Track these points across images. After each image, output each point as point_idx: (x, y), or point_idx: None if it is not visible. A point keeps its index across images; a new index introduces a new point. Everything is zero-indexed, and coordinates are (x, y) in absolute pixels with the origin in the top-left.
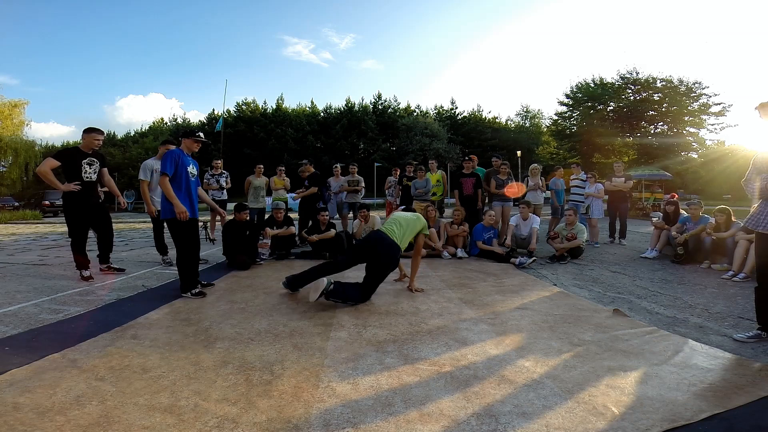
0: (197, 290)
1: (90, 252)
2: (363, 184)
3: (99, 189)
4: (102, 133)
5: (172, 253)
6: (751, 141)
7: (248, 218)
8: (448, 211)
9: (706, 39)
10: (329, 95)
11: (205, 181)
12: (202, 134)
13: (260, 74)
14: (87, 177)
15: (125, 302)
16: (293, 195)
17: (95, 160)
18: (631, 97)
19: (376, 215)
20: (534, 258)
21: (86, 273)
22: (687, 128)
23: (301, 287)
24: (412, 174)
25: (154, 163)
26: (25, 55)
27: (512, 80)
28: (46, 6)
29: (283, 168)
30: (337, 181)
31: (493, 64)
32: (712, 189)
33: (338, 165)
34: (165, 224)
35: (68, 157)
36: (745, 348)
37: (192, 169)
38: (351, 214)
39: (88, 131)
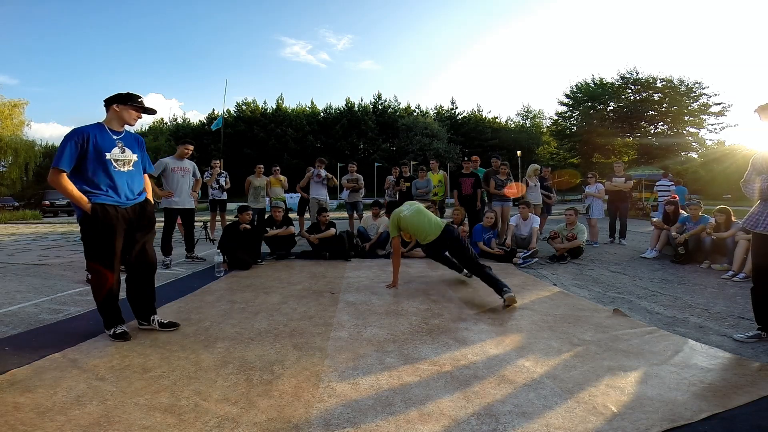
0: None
1: None
2: (362, 182)
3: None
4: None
5: (176, 252)
6: (751, 141)
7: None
8: (448, 211)
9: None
10: (328, 95)
11: (205, 179)
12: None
13: (259, 74)
14: None
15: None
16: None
17: None
18: (631, 97)
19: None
20: (536, 249)
21: None
22: (687, 128)
23: None
24: (408, 174)
25: (169, 162)
26: (25, 55)
27: (512, 80)
28: (45, 6)
29: (278, 168)
30: (319, 170)
31: (493, 63)
32: (712, 189)
33: (322, 159)
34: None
35: None
36: (745, 348)
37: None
38: (355, 214)
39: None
